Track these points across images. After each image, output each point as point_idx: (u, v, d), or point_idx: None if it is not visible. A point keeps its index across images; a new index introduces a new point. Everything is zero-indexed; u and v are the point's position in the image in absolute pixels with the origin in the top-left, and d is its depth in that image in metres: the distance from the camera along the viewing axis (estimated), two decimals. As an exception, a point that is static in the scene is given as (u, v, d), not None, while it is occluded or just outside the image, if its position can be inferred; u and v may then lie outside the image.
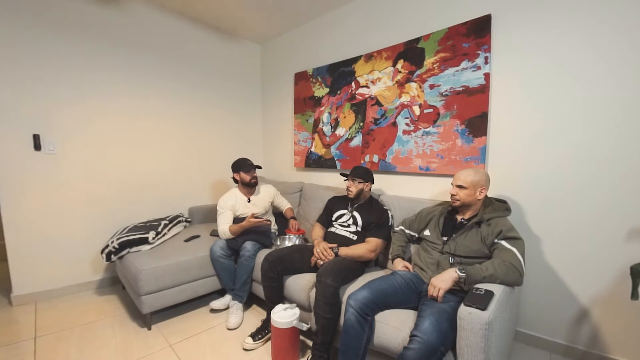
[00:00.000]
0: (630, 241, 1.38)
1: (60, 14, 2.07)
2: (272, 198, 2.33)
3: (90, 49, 2.21)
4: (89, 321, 1.89)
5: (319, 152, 2.70)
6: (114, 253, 1.98)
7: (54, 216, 2.14)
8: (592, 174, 1.46)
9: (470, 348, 1.04)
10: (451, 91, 1.85)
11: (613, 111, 1.39)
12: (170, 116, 2.67)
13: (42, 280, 2.13)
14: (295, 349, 1.53)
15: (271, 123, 3.29)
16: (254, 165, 2.16)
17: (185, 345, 1.68)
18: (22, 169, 2.00)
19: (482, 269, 1.22)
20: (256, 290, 2.01)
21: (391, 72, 2.14)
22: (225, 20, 2.77)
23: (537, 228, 1.62)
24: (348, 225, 1.86)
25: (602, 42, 1.40)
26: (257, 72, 3.34)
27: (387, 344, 1.23)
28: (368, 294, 1.30)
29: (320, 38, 2.67)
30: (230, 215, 2.08)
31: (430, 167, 1.98)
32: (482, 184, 1.41)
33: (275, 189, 2.43)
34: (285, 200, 2.47)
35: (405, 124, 2.08)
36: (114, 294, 2.28)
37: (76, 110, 2.18)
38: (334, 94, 2.54)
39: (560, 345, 1.59)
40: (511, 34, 1.64)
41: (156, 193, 2.62)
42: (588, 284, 1.50)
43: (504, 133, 1.70)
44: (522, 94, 1.63)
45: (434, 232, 1.52)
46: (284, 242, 2.07)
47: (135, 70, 2.43)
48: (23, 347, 1.62)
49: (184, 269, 1.90)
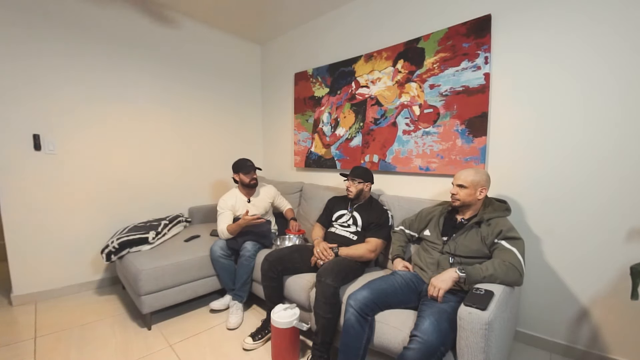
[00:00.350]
0: (630, 241, 1.38)
1: (60, 13, 2.07)
2: (272, 199, 2.33)
3: (90, 49, 2.21)
4: (89, 321, 1.89)
5: (319, 152, 2.70)
6: (114, 253, 1.98)
7: (54, 216, 2.14)
8: (592, 174, 1.46)
9: (470, 348, 1.04)
10: (451, 91, 1.85)
11: (613, 111, 1.39)
12: (170, 116, 2.67)
13: (42, 280, 2.13)
14: (295, 349, 1.53)
15: (271, 123, 3.29)
16: (253, 166, 2.15)
17: (185, 345, 1.68)
18: (22, 169, 2.00)
19: (482, 269, 1.22)
20: (256, 290, 2.01)
21: (391, 72, 2.14)
22: (225, 20, 2.77)
23: (537, 228, 1.62)
24: (348, 226, 1.86)
25: (602, 42, 1.40)
26: (257, 72, 3.34)
27: (387, 344, 1.23)
28: (368, 294, 1.30)
29: (320, 38, 2.67)
30: (230, 216, 2.07)
31: (430, 167, 1.98)
32: (482, 184, 1.42)
33: (276, 189, 2.42)
34: (285, 201, 2.46)
35: (405, 124, 2.08)
36: (114, 294, 2.28)
37: (76, 110, 2.18)
38: (334, 94, 2.54)
39: (560, 345, 1.59)
40: (511, 34, 1.64)
41: (156, 193, 2.62)
42: (588, 284, 1.50)
43: (504, 133, 1.70)
44: (522, 94, 1.63)
45: (434, 232, 1.52)
46: (284, 242, 2.07)
47: (135, 70, 2.43)
48: (23, 347, 1.62)
49: (184, 269, 1.90)
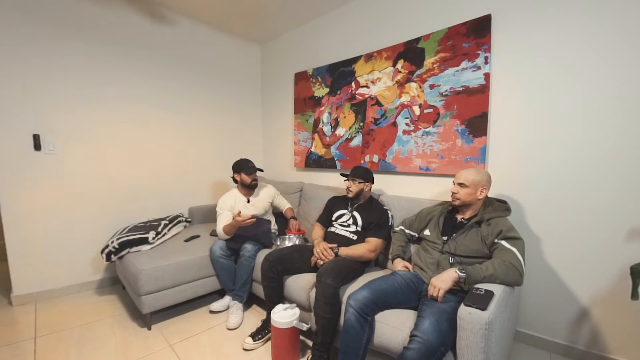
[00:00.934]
0: (630, 241, 1.38)
1: (60, 13, 2.07)
2: (271, 198, 2.32)
3: (91, 48, 2.21)
4: (89, 321, 1.89)
5: (319, 152, 2.70)
6: (114, 253, 1.98)
7: (54, 216, 2.14)
8: (592, 174, 1.46)
9: (470, 348, 1.04)
10: (451, 91, 1.85)
11: (613, 111, 1.39)
12: (170, 116, 2.67)
13: (42, 280, 2.13)
14: (295, 349, 1.53)
15: (271, 123, 3.29)
16: (255, 167, 2.15)
17: (185, 345, 1.68)
18: (22, 169, 2.00)
19: (482, 269, 1.22)
20: (256, 290, 2.01)
21: (391, 72, 2.14)
22: (225, 20, 2.77)
23: (537, 228, 1.62)
24: (348, 225, 1.86)
25: (602, 42, 1.39)
26: (257, 72, 3.34)
27: (387, 344, 1.23)
28: (368, 294, 1.30)
29: (320, 38, 2.67)
30: (228, 216, 2.07)
31: (430, 167, 1.98)
32: (483, 183, 1.41)
33: (275, 189, 2.42)
34: (285, 200, 2.46)
35: (405, 124, 2.08)
36: (114, 294, 2.28)
37: (76, 111, 2.18)
38: (334, 94, 2.54)
39: (560, 345, 1.59)
40: (511, 34, 1.64)
41: (156, 193, 2.62)
42: (588, 284, 1.50)
43: (504, 133, 1.70)
44: (522, 94, 1.63)
45: (434, 231, 1.52)
46: (284, 242, 2.07)
47: (135, 71, 2.43)
48: (23, 347, 1.62)
49: (184, 269, 1.90)
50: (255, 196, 2.23)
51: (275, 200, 2.37)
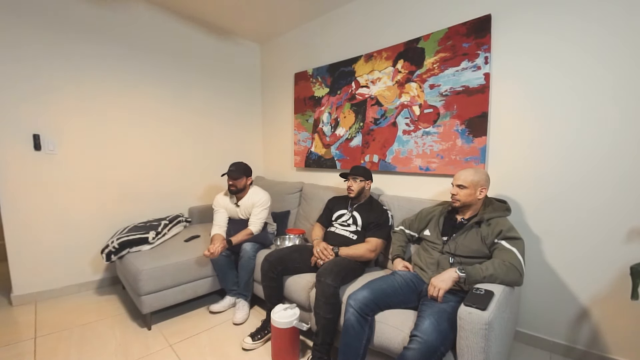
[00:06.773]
0: (630, 241, 1.38)
1: (60, 14, 2.07)
2: (253, 207, 2.10)
3: (91, 49, 2.21)
4: (89, 321, 1.89)
5: (319, 152, 2.70)
6: (114, 253, 1.98)
7: (54, 216, 2.14)
8: (591, 174, 1.46)
9: (470, 348, 1.04)
10: (451, 91, 1.85)
11: (612, 111, 1.39)
12: (170, 116, 2.67)
13: (42, 280, 2.13)
14: (295, 349, 1.53)
15: (271, 123, 3.29)
16: (231, 172, 2.02)
17: (185, 345, 1.68)
18: (22, 169, 2.00)
19: (482, 269, 1.22)
20: (256, 290, 2.01)
21: (391, 72, 2.14)
22: (225, 20, 2.77)
23: (537, 228, 1.62)
24: (348, 225, 1.86)
25: (602, 43, 1.39)
26: (257, 72, 3.34)
27: (387, 344, 1.23)
28: (368, 294, 1.30)
29: (320, 38, 2.67)
30: (224, 214, 2.12)
31: (430, 167, 1.98)
32: (482, 183, 1.42)
33: (266, 201, 2.12)
34: (258, 218, 2.08)
35: (405, 124, 2.08)
36: (114, 294, 2.28)
37: (76, 110, 2.18)
38: (334, 94, 2.54)
39: (560, 345, 1.59)
40: (511, 34, 1.64)
41: (156, 193, 2.62)
42: (588, 283, 1.50)
43: (504, 133, 1.70)
44: (522, 94, 1.63)
45: (434, 232, 1.52)
46: (284, 242, 2.08)
47: (135, 71, 2.43)
48: (23, 347, 1.62)
49: (184, 269, 1.90)
50: (245, 200, 2.13)
51: (254, 210, 2.09)
